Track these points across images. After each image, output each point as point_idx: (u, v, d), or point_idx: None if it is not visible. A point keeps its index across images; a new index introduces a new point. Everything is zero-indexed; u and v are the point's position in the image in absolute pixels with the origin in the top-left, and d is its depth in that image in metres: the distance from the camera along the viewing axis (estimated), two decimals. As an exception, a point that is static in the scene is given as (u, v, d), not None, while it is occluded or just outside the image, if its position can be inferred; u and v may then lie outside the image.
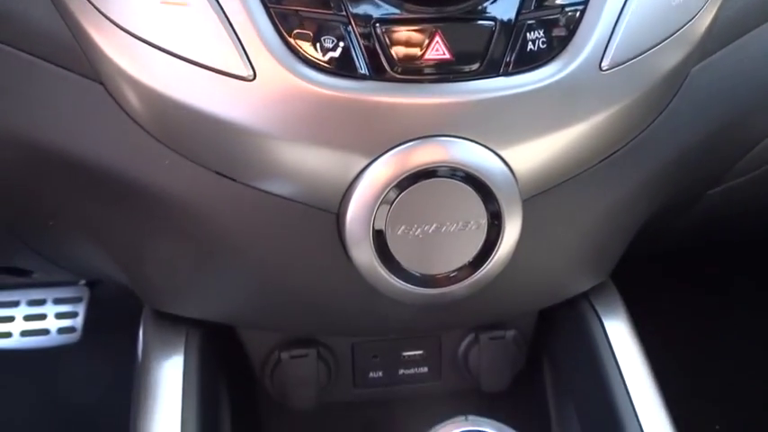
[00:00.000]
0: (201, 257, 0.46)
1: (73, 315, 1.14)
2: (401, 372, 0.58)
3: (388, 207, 0.38)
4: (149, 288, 0.52)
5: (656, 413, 0.51)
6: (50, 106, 0.40)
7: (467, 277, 0.42)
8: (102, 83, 0.39)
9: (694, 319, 1.30)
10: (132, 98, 0.38)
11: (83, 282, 1.12)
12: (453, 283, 0.42)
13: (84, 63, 0.38)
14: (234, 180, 0.40)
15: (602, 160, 0.43)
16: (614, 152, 0.44)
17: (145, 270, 0.50)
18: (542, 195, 0.42)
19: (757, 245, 1.23)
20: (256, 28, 0.35)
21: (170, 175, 0.41)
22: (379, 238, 0.40)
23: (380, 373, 0.58)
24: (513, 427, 0.36)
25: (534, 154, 0.40)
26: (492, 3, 0.36)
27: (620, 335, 0.54)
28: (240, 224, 0.43)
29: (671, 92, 0.44)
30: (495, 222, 0.40)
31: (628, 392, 0.51)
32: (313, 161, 0.39)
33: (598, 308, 0.55)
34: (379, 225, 0.39)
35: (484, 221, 0.40)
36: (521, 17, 0.37)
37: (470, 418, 0.34)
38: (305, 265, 0.45)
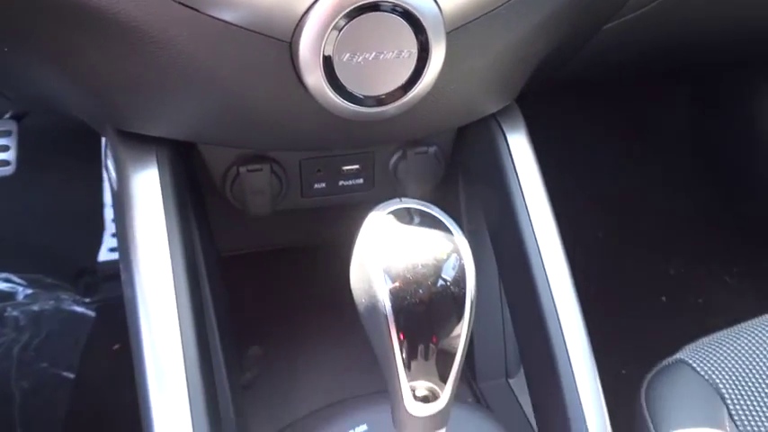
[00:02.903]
0: (163, 81, 0.51)
1: (4, 149, 1.15)
2: (341, 183, 0.68)
3: (337, 34, 0.46)
4: (114, 109, 0.56)
5: (544, 210, 0.64)
6: None
7: (399, 98, 0.51)
8: None
9: (583, 140, 1.48)
10: None
11: (8, 115, 1.13)
12: (388, 103, 0.51)
13: None
14: (190, 8, 0.45)
15: None
16: None
17: (110, 92, 0.54)
18: (463, 28, 0.51)
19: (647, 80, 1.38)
20: None
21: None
22: (328, 64, 0.47)
23: (324, 185, 0.68)
24: (432, 226, 0.46)
25: (458, -8, 0.48)
26: None
27: (520, 148, 0.66)
28: (198, 53, 0.49)
29: None
30: (424, 52, 0.49)
31: (522, 195, 0.64)
32: None
33: (504, 126, 0.66)
34: (328, 51, 0.47)
35: (414, 51, 0.49)
36: None
37: (404, 200, 0.45)
38: (261, 90, 0.52)
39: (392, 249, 0.40)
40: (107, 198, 1.34)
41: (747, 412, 0.60)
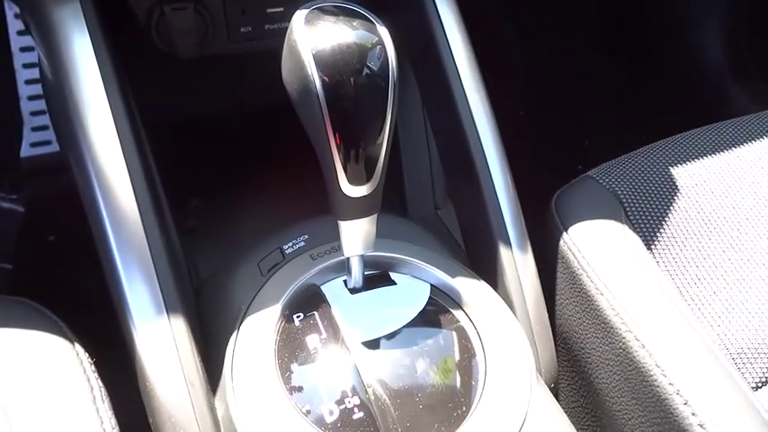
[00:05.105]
0: None
1: None
2: (267, 26, 0.70)
3: None
4: None
5: (462, 36, 0.68)
6: None
7: None
8: None
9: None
10: None
11: None
12: None
13: None
14: None
15: None
16: None
17: None
18: None
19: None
20: None
21: None
22: None
23: (250, 28, 0.69)
24: (356, 19, 0.49)
25: None
26: None
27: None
28: None
29: None
30: None
31: (444, 30, 0.68)
32: None
33: None
34: None
35: None
36: None
37: (328, 0, 0.48)
38: None
39: (320, 36, 0.43)
40: (23, 90, 1.29)
41: (639, 210, 0.69)
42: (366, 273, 0.55)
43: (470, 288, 0.56)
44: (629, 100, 1.59)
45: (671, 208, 0.71)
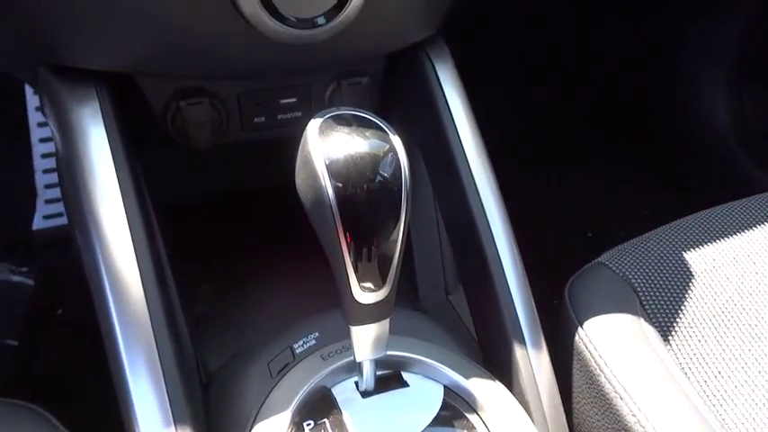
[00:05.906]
0: (102, 9, 0.53)
1: None
2: (280, 116, 0.71)
3: None
4: (57, 39, 0.57)
5: (473, 130, 0.69)
6: None
7: (330, 20, 0.54)
8: None
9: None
10: None
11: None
12: (319, 26, 0.55)
13: None
14: None
15: None
16: None
17: (46, 21, 0.55)
18: None
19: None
20: None
21: None
22: None
23: (263, 118, 0.70)
24: (368, 128, 0.50)
25: None
26: None
27: (447, 75, 0.70)
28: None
29: None
30: None
31: (452, 116, 0.69)
32: None
33: (432, 56, 0.71)
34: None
35: None
36: None
37: (341, 107, 0.48)
38: (197, 17, 0.54)
39: (334, 147, 0.44)
40: (38, 163, 1.31)
41: (654, 298, 0.68)
42: (378, 373, 0.54)
43: (485, 390, 0.55)
44: (635, 168, 1.60)
45: (686, 295, 0.70)
